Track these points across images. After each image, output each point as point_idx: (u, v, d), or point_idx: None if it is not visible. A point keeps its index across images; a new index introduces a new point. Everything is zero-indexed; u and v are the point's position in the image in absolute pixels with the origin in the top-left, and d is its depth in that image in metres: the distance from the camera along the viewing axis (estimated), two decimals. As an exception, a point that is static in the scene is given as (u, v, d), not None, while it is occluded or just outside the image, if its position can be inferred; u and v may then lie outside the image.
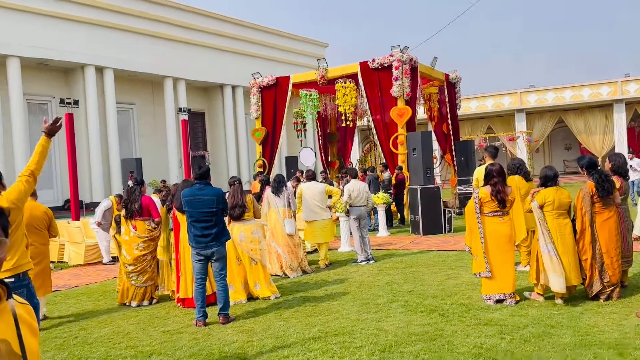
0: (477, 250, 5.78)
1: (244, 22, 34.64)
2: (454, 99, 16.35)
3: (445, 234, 11.16)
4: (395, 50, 13.75)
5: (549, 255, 5.46)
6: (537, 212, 5.58)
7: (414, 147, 11.85)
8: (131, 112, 30.54)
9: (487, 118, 34.76)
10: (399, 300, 6.00)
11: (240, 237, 6.67)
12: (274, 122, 16.49)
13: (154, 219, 6.72)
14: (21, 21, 23.72)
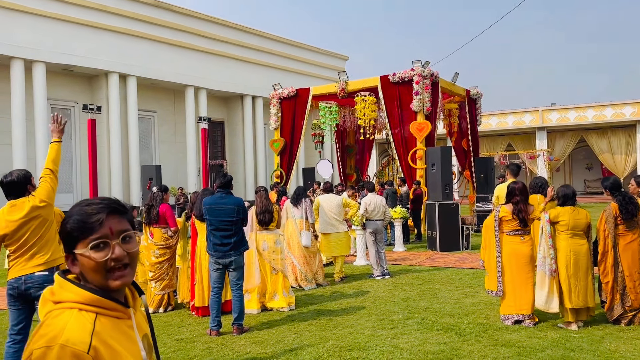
0: (491, 267, 5.69)
1: (266, 33, 34.99)
2: (474, 115, 16.25)
3: (463, 252, 11.02)
4: (416, 64, 13.74)
5: (542, 271, 5.37)
6: (544, 225, 5.47)
7: (433, 162, 11.77)
8: (152, 119, 30.94)
9: (507, 135, 34.46)
10: (415, 317, 5.91)
11: (264, 247, 6.66)
12: (293, 133, 16.55)
13: (171, 228, 6.73)
14: (48, 27, 24.27)
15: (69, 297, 1.34)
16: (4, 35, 22.87)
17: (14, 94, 23.28)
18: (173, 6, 29.50)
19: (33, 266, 3.70)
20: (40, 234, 3.75)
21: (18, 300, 3.74)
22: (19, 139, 23.28)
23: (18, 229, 3.68)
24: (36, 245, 3.73)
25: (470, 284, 7.66)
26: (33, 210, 3.71)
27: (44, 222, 3.77)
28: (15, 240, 3.70)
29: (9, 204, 3.76)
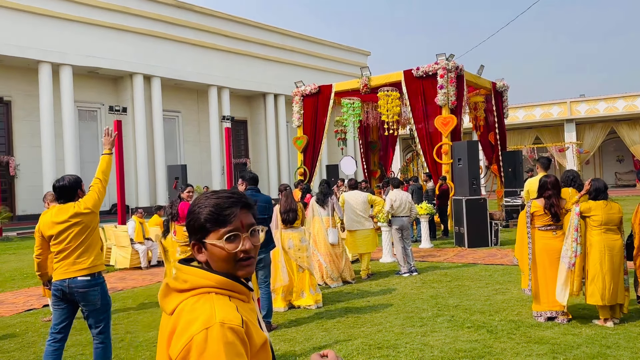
0: (525, 264, 5.56)
1: (287, 31, 35.01)
2: (501, 108, 15.96)
3: (492, 247, 10.83)
4: (440, 58, 13.55)
5: (563, 264, 5.23)
6: (574, 217, 5.30)
7: (460, 157, 11.59)
8: (177, 119, 31.28)
9: (535, 128, 33.82)
10: (445, 314, 5.82)
11: (289, 245, 6.64)
12: (316, 131, 16.50)
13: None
14: (74, 31, 24.71)
15: (204, 282, 1.38)
16: (32, 40, 23.37)
17: (42, 97, 23.79)
18: (195, 6, 29.74)
19: (75, 270, 3.84)
20: (81, 239, 3.87)
21: (62, 300, 3.89)
22: (47, 141, 23.80)
23: (61, 232, 3.84)
24: (77, 250, 3.86)
25: (501, 280, 7.51)
26: (75, 216, 3.86)
27: (85, 229, 3.89)
28: (58, 243, 3.86)
29: (57, 207, 3.93)
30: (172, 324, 1.34)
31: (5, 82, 24.17)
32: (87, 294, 3.85)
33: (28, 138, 24.90)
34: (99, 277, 3.95)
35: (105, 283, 4.03)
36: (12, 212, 21.52)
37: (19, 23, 22.87)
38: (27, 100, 24.84)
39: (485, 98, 16.02)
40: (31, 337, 5.72)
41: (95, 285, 3.88)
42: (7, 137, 24.52)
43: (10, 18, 22.60)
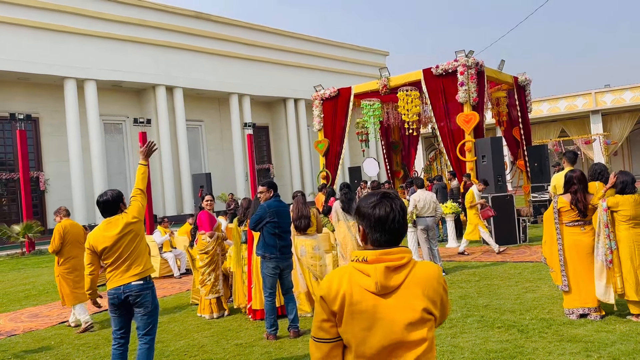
0: (555, 262, 5.45)
1: (304, 35, 35.14)
2: (524, 103, 15.72)
3: (521, 244, 10.66)
4: (460, 55, 13.44)
5: (600, 262, 5.13)
6: (602, 213, 5.18)
7: (484, 154, 11.46)
8: (200, 128, 31.66)
9: (560, 121, 33.21)
10: (474, 315, 5.75)
11: (302, 252, 6.63)
12: (336, 133, 16.52)
13: (206, 232, 6.91)
14: (96, 46, 25.25)
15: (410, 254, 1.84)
16: (56, 57, 23.96)
17: (69, 112, 24.36)
18: (212, 16, 30.09)
19: (130, 276, 4.08)
20: (134, 247, 4.12)
21: (119, 308, 4.11)
22: (75, 155, 24.32)
23: (115, 243, 4.08)
24: (130, 257, 4.10)
25: (531, 278, 7.39)
26: (127, 226, 4.12)
27: (136, 236, 4.16)
28: (112, 254, 4.09)
29: (105, 221, 4.17)
30: (415, 280, 1.75)
31: (32, 100, 24.82)
32: (141, 297, 4.08)
33: (56, 153, 25.51)
34: (150, 280, 4.19)
35: (154, 287, 4.26)
36: (43, 226, 22.05)
37: (43, 41, 23.47)
38: (54, 116, 25.46)
39: (508, 93, 15.82)
40: (65, 349, 5.85)
41: (147, 289, 4.12)
42: (36, 152, 25.16)
43: (34, 37, 23.22)
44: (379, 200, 1.83)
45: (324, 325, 1.75)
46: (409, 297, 1.73)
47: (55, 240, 6.66)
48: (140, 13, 26.88)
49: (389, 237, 1.80)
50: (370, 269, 1.74)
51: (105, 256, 4.09)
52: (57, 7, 23.85)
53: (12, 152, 24.27)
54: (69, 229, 6.77)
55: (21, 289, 10.59)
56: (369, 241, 1.83)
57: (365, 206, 1.84)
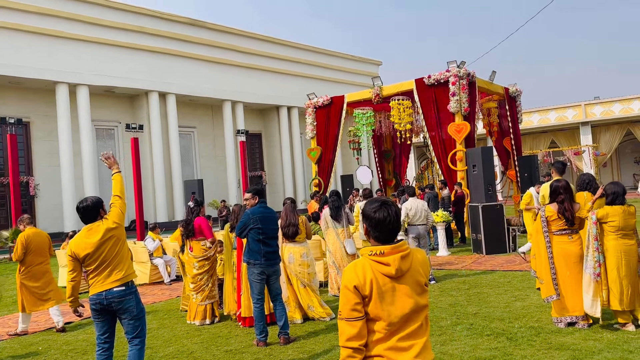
0: (545, 272, 5.49)
1: (298, 44, 35.31)
2: (515, 113, 15.88)
3: (510, 254, 10.73)
4: (451, 65, 13.57)
5: (588, 275, 5.18)
6: (592, 226, 5.24)
7: (474, 164, 11.55)
8: (192, 135, 31.63)
9: (550, 132, 33.54)
10: (464, 322, 5.79)
11: (289, 259, 6.63)
12: (329, 141, 16.59)
13: (207, 239, 6.87)
14: (89, 51, 25.21)
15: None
16: (49, 61, 23.89)
17: (60, 117, 24.25)
18: (207, 23, 30.18)
19: (111, 282, 4.10)
20: (115, 252, 4.15)
21: (101, 313, 4.13)
22: (66, 160, 24.20)
23: (96, 249, 4.10)
24: (112, 263, 4.13)
25: (520, 286, 7.45)
26: (108, 231, 4.14)
27: (117, 242, 4.19)
28: (94, 260, 4.10)
29: (86, 228, 4.20)
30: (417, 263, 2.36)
31: (23, 104, 24.69)
32: (123, 303, 4.09)
33: (47, 158, 25.35)
34: (132, 285, 4.21)
35: (137, 291, 4.28)
36: (33, 231, 21.86)
37: (36, 45, 23.40)
38: (45, 121, 25.33)
39: (499, 104, 15.97)
40: (53, 354, 5.81)
41: (130, 294, 4.14)
42: (27, 157, 25.00)
43: (27, 41, 23.15)
44: (379, 206, 2.36)
45: (357, 307, 2.25)
46: (415, 276, 2.33)
47: (18, 250, 6.72)
48: (135, 19, 26.89)
49: (387, 235, 2.35)
50: (389, 259, 2.28)
51: (87, 262, 4.10)
52: (52, 11, 23.81)
53: (1, 156, 24.10)
54: (32, 238, 6.84)
55: (9, 294, 10.51)
56: (372, 237, 2.38)
57: (369, 210, 2.38)
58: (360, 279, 2.27)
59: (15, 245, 6.80)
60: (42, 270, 6.93)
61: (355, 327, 2.26)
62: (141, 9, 27.18)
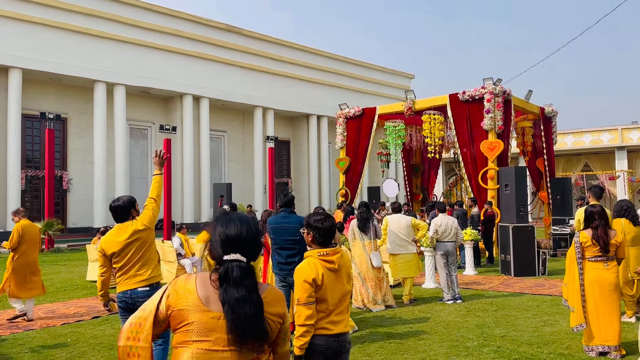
0: (577, 300, 5.33)
1: (331, 54, 35.48)
2: (550, 134, 15.62)
3: (539, 277, 10.49)
4: (487, 82, 13.44)
5: None
6: None
7: (507, 183, 11.35)
8: (223, 139, 32.01)
9: (584, 155, 32.81)
10: (491, 344, 5.67)
11: None
12: (358, 152, 16.57)
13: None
14: (128, 53, 25.82)
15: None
16: (89, 60, 24.54)
17: (96, 114, 24.85)
18: (243, 30, 30.59)
19: (136, 282, 4.21)
20: (141, 254, 4.24)
21: (127, 311, 4.21)
22: (100, 157, 24.74)
23: (123, 248, 4.20)
24: (138, 263, 4.23)
25: (549, 311, 7.27)
26: (135, 233, 4.23)
27: (143, 244, 4.27)
28: (121, 258, 4.21)
29: (117, 226, 4.31)
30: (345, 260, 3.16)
31: (62, 100, 25.40)
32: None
33: (81, 154, 25.98)
34: (157, 287, 4.28)
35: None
36: (63, 225, 22.38)
37: (77, 44, 24.08)
38: (82, 118, 25.99)
39: (534, 123, 15.74)
40: (81, 347, 5.91)
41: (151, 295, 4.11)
42: (62, 152, 25.66)
43: (69, 40, 23.84)
44: (324, 218, 3.13)
45: (312, 294, 2.93)
46: (347, 269, 3.16)
47: (14, 238, 7.20)
48: (174, 23, 27.45)
49: (328, 240, 3.10)
50: (333, 258, 3.06)
51: (114, 260, 4.22)
52: (95, 12, 24.50)
53: (38, 150, 24.79)
54: (27, 229, 7.33)
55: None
56: (316, 242, 3.12)
57: (315, 221, 3.12)
58: (315, 274, 2.96)
59: (11, 234, 7.29)
60: (33, 260, 7.42)
61: (311, 309, 2.93)
62: (180, 13, 27.74)
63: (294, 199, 6.01)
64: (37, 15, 22.87)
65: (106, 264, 4.27)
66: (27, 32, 22.68)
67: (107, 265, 4.28)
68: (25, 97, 23.44)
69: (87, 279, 11.17)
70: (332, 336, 2.95)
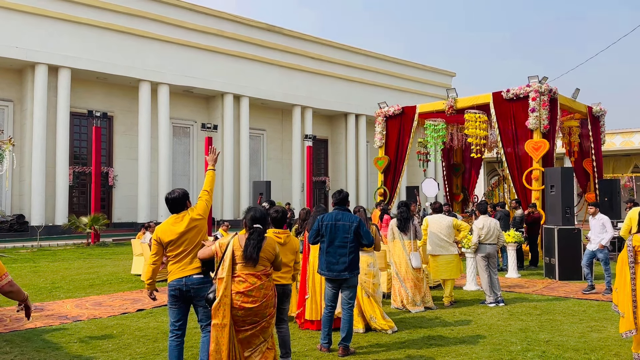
0: (627, 305, 5.11)
1: (370, 52, 35.30)
2: (597, 134, 15.09)
3: (585, 281, 10.14)
4: (532, 80, 13.09)
5: None
6: None
7: (553, 184, 11.03)
8: (262, 137, 32.35)
9: (634, 155, 31.54)
10: (535, 349, 5.52)
11: None
12: (398, 151, 16.42)
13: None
14: (172, 52, 26.41)
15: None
16: (135, 60, 25.24)
17: (141, 113, 25.54)
18: (283, 29, 30.81)
19: (191, 269, 4.34)
20: (196, 242, 4.40)
21: (179, 299, 4.35)
22: (144, 154, 25.42)
23: (180, 237, 4.36)
24: (193, 251, 4.37)
25: (596, 317, 7.02)
26: (192, 221, 4.40)
27: (199, 232, 4.43)
28: (177, 247, 4.36)
29: (173, 216, 4.47)
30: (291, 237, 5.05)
31: (109, 99, 26.22)
32: (201, 290, 4.30)
33: (126, 151, 26.77)
34: (208, 275, 4.43)
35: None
36: (109, 220, 23.11)
37: (123, 44, 24.81)
38: (127, 116, 26.77)
39: (580, 123, 15.24)
40: (127, 339, 6.08)
41: (207, 282, 4.36)
42: (108, 149, 26.50)
43: (115, 40, 24.58)
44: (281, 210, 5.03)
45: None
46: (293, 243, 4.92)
47: None
48: (216, 23, 27.91)
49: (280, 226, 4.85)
50: (281, 235, 4.86)
51: (170, 248, 4.35)
52: (139, 12, 25.18)
53: (85, 147, 25.67)
54: None
55: (86, 277, 11.13)
56: (271, 226, 4.85)
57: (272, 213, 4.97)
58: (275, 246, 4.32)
59: None
60: None
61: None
62: (222, 13, 28.17)
63: (348, 196, 5.94)
64: (84, 16, 23.68)
65: (159, 252, 4.41)
66: (74, 33, 23.52)
67: (160, 254, 4.42)
68: (74, 96, 24.32)
69: (131, 273, 11.50)
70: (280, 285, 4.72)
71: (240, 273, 4.05)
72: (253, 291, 4.01)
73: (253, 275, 4.06)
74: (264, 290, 4.07)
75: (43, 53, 22.63)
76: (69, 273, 11.81)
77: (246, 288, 4.00)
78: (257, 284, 4.03)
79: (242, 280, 4.03)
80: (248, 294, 3.99)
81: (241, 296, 3.99)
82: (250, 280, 4.03)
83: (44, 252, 16.58)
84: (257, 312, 4.03)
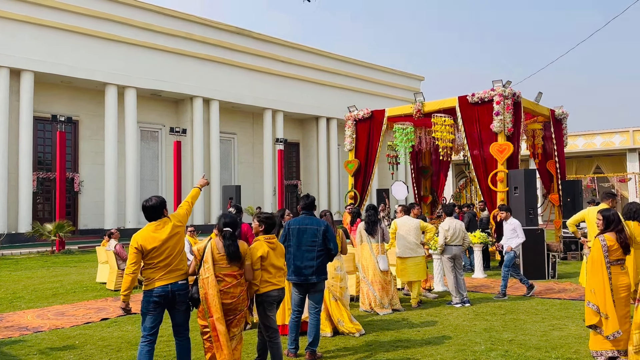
0: (610, 306, 5.11)
1: (340, 56, 35.50)
2: (560, 136, 15.49)
3: (549, 280, 10.41)
4: (497, 84, 13.36)
5: None
6: None
7: (516, 185, 11.28)
8: (232, 141, 32.14)
9: (595, 157, 32.52)
10: (498, 349, 5.63)
11: None
12: (367, 155, 16.53)
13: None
14: (139, 55, 26.02)
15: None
16: (100, 63, 24.76)
17: (108, 117, 25.05)
18: (253, 33, 30.71)
19: (177, 276, 4.41)
20: (178, 249, 4.45)
21: (160, 305, 4.37)
22: (111, 159, 24.93)
23: (163, 244, 4.36)
24: (177, 258, 4.42)
25: (558, 315, 7.20)
26: (174, 228, 4.48)
27: (179, 239, 4.50)
28: (159, 254, 4.35)
29: (154, 223, 4.46)
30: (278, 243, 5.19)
31: (74, 103, 25.64)
32: (184, 295, 4.41)
33: (92, 156, 26.21)
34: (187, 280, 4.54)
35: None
36: (74, 227, 22.57)
37: (88, 47, 24.31)
38: (93, 120, 26.22)
39: (544, 125, 15.62)
40: (89, 349, 5.95)
41: (188, 287, 4.48)
42: (74, 154, 25.90)
43: (80, 43, 24.08)
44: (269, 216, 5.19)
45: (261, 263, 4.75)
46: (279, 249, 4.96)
47: None
48: (184, 26, 27.64)
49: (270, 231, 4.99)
50: (273, 240, 4.89)
51: (153, 256, 4.32)
52: (105, 15, 24.73)
53: (50, 152, 25.03)
54: None
55: (49, 286, 10.85)
56: (261, 233, 4.98)
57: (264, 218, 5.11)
58: (261, 250, 4.70)
59: None
60: None
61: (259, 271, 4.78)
62: (190, 16, 27.92)
63: (315, 201, 5.94)
64: (48, 19, 23.13)
65: (139, 260, 4.35)
66: (38, 36, 22.95)
67: (139, 263, 4.36)
68: (37, 100, 23.71)
69: (97, 281, 11.26)
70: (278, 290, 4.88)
71: (218, 273, 4.48)
72: (231, 289, 4.48)
73: (230, 275, 4.51)
74: (240, 287, 4.55)
75: (4, 56, 22.00)
76: (32, 282, 11.49)
77: (225, 286, 4.46)
78: (233, 282, 4.50)
79: (220, 279, 4.47)
80: (227, 291, 4.47)
81: (221, 294, 4.45)
82: (227, 279, 4.48)
83: (6, 261, 16.09)
84: (236, 306, 4.51)
